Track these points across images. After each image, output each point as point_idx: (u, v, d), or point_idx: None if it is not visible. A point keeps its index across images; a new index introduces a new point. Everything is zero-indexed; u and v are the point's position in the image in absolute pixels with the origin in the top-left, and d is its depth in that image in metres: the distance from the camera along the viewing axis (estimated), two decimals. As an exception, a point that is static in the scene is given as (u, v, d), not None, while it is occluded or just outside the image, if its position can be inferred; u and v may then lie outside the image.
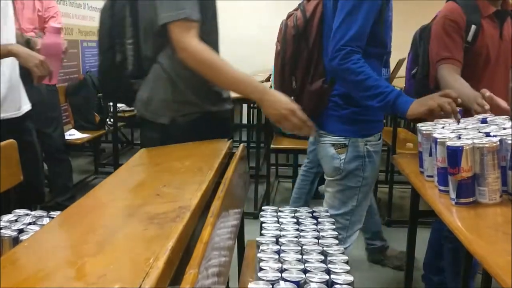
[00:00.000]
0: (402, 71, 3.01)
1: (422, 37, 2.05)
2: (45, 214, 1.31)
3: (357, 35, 1.55)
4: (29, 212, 1.31)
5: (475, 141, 1.13)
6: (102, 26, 1.67)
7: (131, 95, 1.69)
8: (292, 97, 1.68)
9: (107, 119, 4.34)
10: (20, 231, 1.16)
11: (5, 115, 2.04)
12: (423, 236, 2.35)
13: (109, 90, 1.78)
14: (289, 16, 1.83)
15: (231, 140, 1.64)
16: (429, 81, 1.96)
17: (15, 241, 1.12)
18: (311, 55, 1.73)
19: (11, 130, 1.98)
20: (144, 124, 1.67)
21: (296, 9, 1.82)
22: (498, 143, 1.12)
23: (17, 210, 1.32)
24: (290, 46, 1.74)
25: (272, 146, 3.57)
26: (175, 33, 1.46)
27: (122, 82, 1.68)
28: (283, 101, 1.44)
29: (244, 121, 5.26)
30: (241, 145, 1.61)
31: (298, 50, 1.73)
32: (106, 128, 4.32)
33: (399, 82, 2.98)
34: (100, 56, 1.71)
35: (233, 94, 1.74)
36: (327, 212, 1.47)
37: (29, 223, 1.22)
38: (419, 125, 1.39)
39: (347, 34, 1.54)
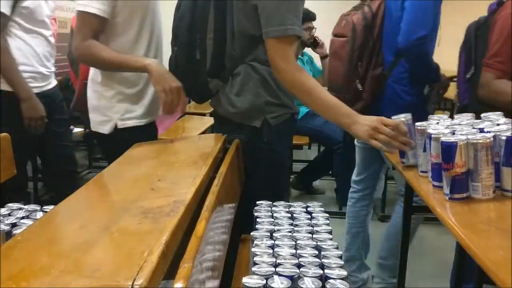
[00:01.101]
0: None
1: (478, 35, 1.92)
2: (38, 208, 1.30)
3: (432, 28, 1.91)
4: (22, 206, 1.31)
5: (469, 136, 1.13)
6: (182, 19, 1.60)
7: (205, 92, 1.67)
8: (357, 80, 2.05)
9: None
10: (13, 225, 1.15)
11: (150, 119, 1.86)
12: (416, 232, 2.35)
13: (181, 82, 1.66)
14: (347, 14, 2.13)
15: (226, 135, 1.64)
16: None
17: (8, 235, 1.11)
18: (375, 45, 2.02)
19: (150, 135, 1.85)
20: (228, 124, 1.65)
21: (355, 9, 2.11)
22: (492, 139, 1.13)
23: (10, 204, 1.31)
24: (360, 37, 2.01)
25: (266, 141, 3.57)
26: (273, 50, 1.45)
27: (198, 78, 1.63)
28: (367, 119, 1.43)
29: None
30: (236, 140, 1.61)
31: (366, 40, 2.01)
32: (100, 123, 4.29)
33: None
34: (176, 50, 1.64)
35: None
36: (321, 207, 1.47)
37: (23, 217, 1.21)
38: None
39: (427, 25, 1.88)
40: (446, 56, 2.66)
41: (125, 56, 1.68)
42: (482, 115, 1.34)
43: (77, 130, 3.89)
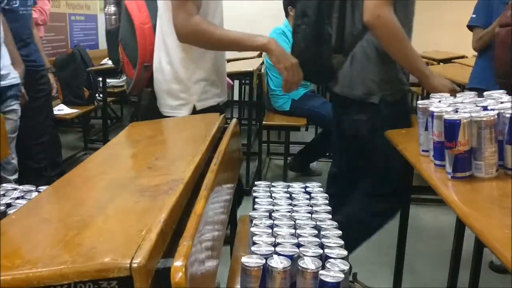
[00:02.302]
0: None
1: None
2: (33, 188, 1.28)
3: None
4: (17, 186, 1.29)
5: (473, 114, 1.11)
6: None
7: (328, 69, 1.72)
8: None
9: (97, 94, 4.28)
10: (8, 205, 1.13)
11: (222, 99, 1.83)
12: (412, 212, 2.35)
13: (305, 62, 1.66)
14: None
15: (224, 114, 1.62)
16: None
17: (3, 215, 1.09)
18: None
19: None
20: (345, 102, 1.70)
21: None
22: (496, 116, 1.11)
23: (4, 185, 1.29)
24: None
25: (264, 122, 3.55)
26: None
27: (323, 54, 1.70)
28: (440, 78, 1.64)
29: (236, 97, 5.21)
30: (234, 120, 1.58)
31: None
32: (96, 104, 4.26)
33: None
34: (304, 27, 1.69)
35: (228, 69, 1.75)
36: (320, 187, 1.46)
37: (17, 198, 1.19)
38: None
39: None
40: (447, 38, 2.64)
41: (240, 34, 1.61)
42: (485, 93, 1.32)
43: (71, 111, 3.86)
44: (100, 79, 3.99)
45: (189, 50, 1.64)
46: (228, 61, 2.60)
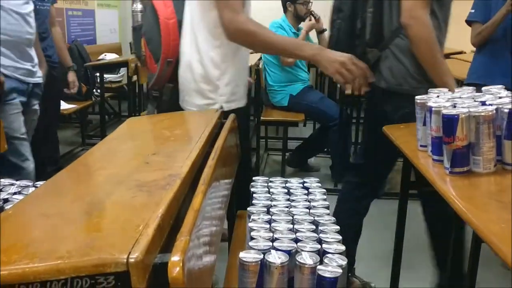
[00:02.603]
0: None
1: None
2: (30, 184, 1.27)
3: None
4: (14, 181, 1.28)
5: (471, 109, 1.11)
6: None
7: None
8: None
9: (94, 90, 4.27)
10: (5, 200, 1.13)
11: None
12: (410, 208, 2.35)
13: None
14: None
15: (221, 110, 1.61)
16: None
17: (0, 210, 1.09)
18: None
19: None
20: (394, 97, 1.71)
21: None
22: (494, 111, 1.10)
23: (2, 180, 1.28)
24: None
25: (262, 118, 3.55)
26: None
27: (357, 48, 1.73)
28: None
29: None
30: (232, 115, 1.58)
31: None
32: (93, 99, 4.25)
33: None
34: (339, 22, 1.74)
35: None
36: (318, 182, 1.46)
37: (14, 193, 1.19)
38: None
39: None
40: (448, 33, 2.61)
41: (287, 40, 1.65)
42: (483, 88, 1.31)
43: (69, 106, 3.85)
44: (98, 74, 3.97)
45: (220, 49, 1.63)
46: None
